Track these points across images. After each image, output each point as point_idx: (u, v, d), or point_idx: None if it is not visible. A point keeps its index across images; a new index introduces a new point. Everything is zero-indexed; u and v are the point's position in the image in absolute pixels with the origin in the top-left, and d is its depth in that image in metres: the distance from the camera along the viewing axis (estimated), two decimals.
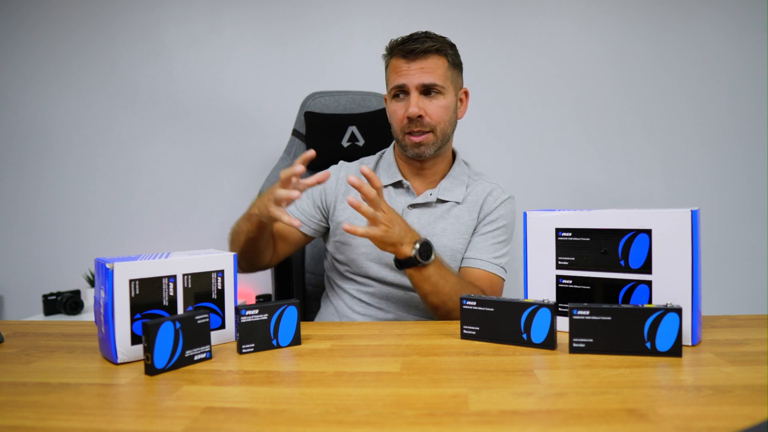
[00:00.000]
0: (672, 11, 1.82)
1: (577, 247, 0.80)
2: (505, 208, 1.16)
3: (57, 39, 1.97)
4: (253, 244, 1.07)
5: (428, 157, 1.13)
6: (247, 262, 1.12)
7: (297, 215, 1.18)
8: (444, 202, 1.15)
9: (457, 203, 1.15)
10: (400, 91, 1.09)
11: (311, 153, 0.91)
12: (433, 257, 0.97)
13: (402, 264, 0.97)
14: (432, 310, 1.02)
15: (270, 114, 1.92)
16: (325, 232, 1.23)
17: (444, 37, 1.12)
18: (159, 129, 1.96)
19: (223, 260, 0.79)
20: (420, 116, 1.07)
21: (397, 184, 1.18)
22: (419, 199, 1.15)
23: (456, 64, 1.13)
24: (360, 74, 1.87)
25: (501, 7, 1.85)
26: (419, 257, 0.95)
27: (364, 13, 1.89)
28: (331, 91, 1.46)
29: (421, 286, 0.99)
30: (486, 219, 1.15)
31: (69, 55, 1.97)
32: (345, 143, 1.43)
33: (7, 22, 1.98)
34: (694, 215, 0.72)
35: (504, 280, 1.13)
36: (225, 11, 1.93)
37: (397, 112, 1.11)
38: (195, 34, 1.94)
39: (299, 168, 0.88)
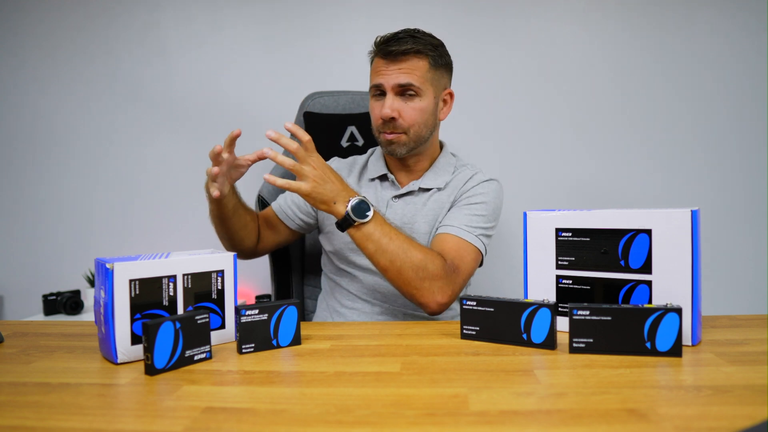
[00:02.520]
0: (671, 11, 1.82)
1: (577, 247, 0.80)
2: (485, 188, 1.13)
3: (58, 40, 1.97)
4: (223, 223, 1.09)
5: (405, 155, 1.13)
6: (229, 244, 1.14)
7: (285, 208, 1.21)
8: (427, 190, 1.15)
9: (439, 189, 1.15)
10: (378, 91, 1.10)
11: (236, 132, 0.95)
12: (370, 215, 0.96)
13: (341, 225, 0.97)
14: (383, 273, 1.00)
15: (270, 114, 1.92)
16: (315, 228, 1.25)
17: (429, 37, 1.10)
18: (160, 129, 1.96)
19: (223, 260, 0.79)
20: (393, 118, 1.07)
21: (383, 177, 1.20)
22: (402, 190, 1.16)
23: (440, 65, 1.11)
24: (359, 74, 1.86)
25: (501, 10, 1.85)
26: (352, 214, 0.95)
27: (363, 14, 1.89)
28: (331, 91, 1.46)
29: (365, 245, 0.97)
30: (463, 196, 1.13)
31: (70, 56, 1.97)
32: (344, 143, 1.43)
33: (7, 23, 1.98)
34: (694, 215, 0.72)
35: (479, 251, 1.07)
36: (225, 12, 1.93)
37: (374, 111, 1.12)
38: (196, 35, 1.94)
39: (218, 148, 0.94)
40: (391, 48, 1.06)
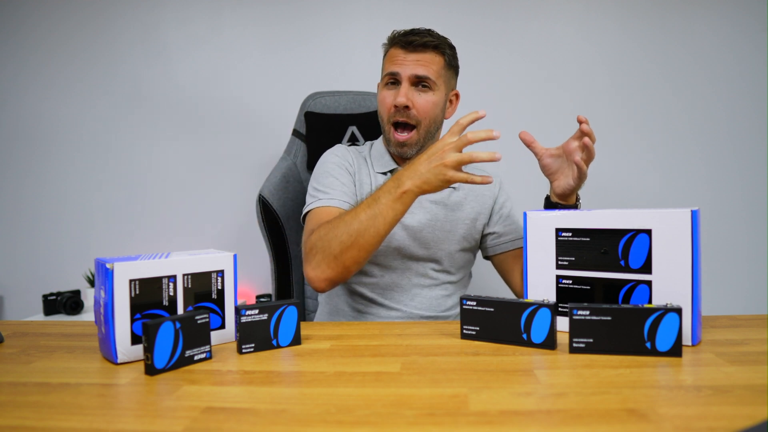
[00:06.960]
0: (670, 11, 1.82)
1: (577, 247, 0.80)
2: (506, 188, 1.26)
3: (58, 40, 1.97)
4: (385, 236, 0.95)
5: (414, 156, 1.13)
6: (362, 264, 0.97)
7: (346, 198, 1.10)
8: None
9: (454, 188, 1.18)
10: (392, 79, 1.11)
11: (483, 113, 0.89)
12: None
13: (556, 205, 1.04)
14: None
15: (270, 114, 1.92)
16: None
17: (445, 38, 1.13)
18: (160, 130, 1.96)
19: (223, 260, 0.79)
20: (407, 107, 1.08)
21: (393, 172, 1.19)
22: None
23: (452, 66, 1.14)
24: (360, 74, 1.87)
25: (501, 11, 1.85)
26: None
27: (364, 15, 1.89)
28: (332, 92, 1.45)
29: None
30: (499, 201, 1.23)
31: (70, 57, 1.97)
32: (345, 143, 1.43)
33: (7, 24, 1.98)
34: (694, 215, 0.72)
35: None
36: (225, 13, 1.93)
37: (385, 100, 1.12)
38: (196, 36, 1.94)
39: (497, 133, 0.86)
40: (413, 39, 1.08)
